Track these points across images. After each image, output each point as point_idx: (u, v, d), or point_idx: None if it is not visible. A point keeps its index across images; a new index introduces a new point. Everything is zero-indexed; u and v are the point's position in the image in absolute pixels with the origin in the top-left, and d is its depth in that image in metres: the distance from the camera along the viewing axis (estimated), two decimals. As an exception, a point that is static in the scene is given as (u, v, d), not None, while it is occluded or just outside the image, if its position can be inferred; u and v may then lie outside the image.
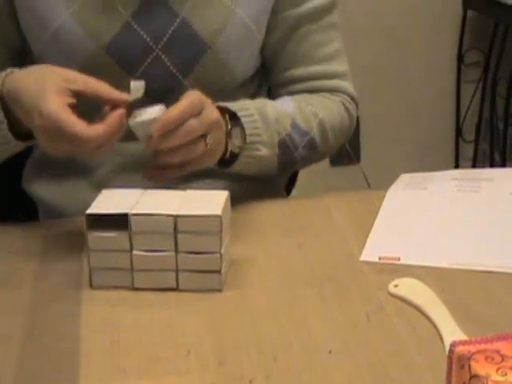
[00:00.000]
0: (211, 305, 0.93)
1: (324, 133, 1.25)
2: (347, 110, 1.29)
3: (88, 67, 1.15)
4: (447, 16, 2.71)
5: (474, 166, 2.84)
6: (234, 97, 1.24)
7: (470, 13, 2.70)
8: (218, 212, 0.93)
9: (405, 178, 1.23)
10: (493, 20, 2.67)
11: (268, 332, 0.87)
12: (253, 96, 1.30)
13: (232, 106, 1.16)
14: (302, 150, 1.23)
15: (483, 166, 2.77)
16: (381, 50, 2.70)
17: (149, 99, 1.17)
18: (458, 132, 2.85)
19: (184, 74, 1.18)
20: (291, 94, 1.27)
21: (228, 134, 1.11)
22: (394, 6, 2.65)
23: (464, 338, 0.82)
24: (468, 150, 2.86)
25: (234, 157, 1.14)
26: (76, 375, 0.81)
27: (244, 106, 1.17)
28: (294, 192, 1.52)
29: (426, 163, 2.73)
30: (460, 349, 0.76)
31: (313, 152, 1.25)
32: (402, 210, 1.14)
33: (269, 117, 1.18)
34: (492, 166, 2.71)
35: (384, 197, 1.17)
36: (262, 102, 1.21)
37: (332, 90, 1.28)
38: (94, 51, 1.15)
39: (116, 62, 1.16)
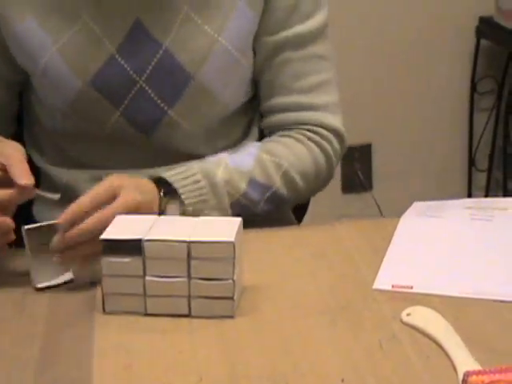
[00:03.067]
0: (223, 331, 0.93)
1: (291, 182, 1.22)
2: (322, 148, 1.24)
3: (77, 101, 1.19)
4: (460, 45, 2.71)
5: (486, 195, 2.83)
6: (231, 124, 1.24)
7: (483, 41, 2.70)
8: (232, 238, 0.93)
9: (418, 205, 1.23)
10: (506, 48, 2.68)
11: (280, 360, 0.87)
12: (249, 124, 1.30)
13: (174, 174, 1.14)
14: (264, 205, 1.21)
15: (496, 195, 2.76)
16: (394, 79, 2.70)
17: (137, 131, 1.19)
18: (471, 160, 2.85)
19: (169, 104, 1.19)
20: (273, 123, 1.26)
21: (162, 209, 1.10)
22: (407, 34, 2.66)
23: (478, 367, 0.81)
24: (481, 179, 2.86)
25: None
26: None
27: (191, 172, 1.15)
28: (305, 219, 1.52)
29: (438, 191, 2.73)
30: (474, 379, 0.76)
31: (280, 203, 1.23)
32: (414, 238, 1.14)
33: (217, 180, 1.15)
34: (505, 194, 2.69)
35: (397, 224, 1.17)
36: (214, 163, 1.18)
37: (308, 123, 1.24)
38: (80, 87, 1.18)
39: (102, 96, 1.18)
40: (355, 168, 2.71)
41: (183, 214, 1.13)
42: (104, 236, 0.95)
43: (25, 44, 1.18)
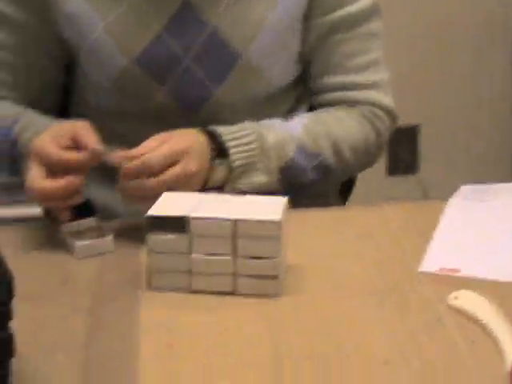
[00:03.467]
0: (268, 311, 0.93)
1: (340, 153, 1.22)
2: (374, 125, 1.25)
3: (121, 79, 1.19)
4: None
5: (535, 179, 2.79)
6: (278, 100, 1.24)
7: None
8: (278, 217, 0.93)
9: (465, 189, 1.22)
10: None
11: (325, 341, 0.87)
12: (297, 101, 1.30)
13: (228, 133, 1.14)
14: (311, 173, 1.21)
15: (544, 180, 2.73)
16: (442, 61, 2.67)
17: (183, 109, 1.20)
18: (520, 144, 2.81)
19: (216, 83, 1.19)
20: (327, 102, 1.26)
21: (210, 168, 1.11)
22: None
23: (526, 354, 0.80)
24: (529, 163, 2.82)
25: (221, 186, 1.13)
26: (135, 379, 0.81)
27: (244, 132, 1.15)
28: (350, 201, 1.51)
29: (485, 175, 2.69)
30: (522, 365, 0.75)
31: (328, 173, 1.22)
32: (462, 221, 1.13)
33: (268, 143, 1.16)
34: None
35: (443, 208, 1.16)
36: (267, 127, 1.18)
37: (363, 102, 1.25)
38: (126, 64, 1.18)
39: (147, 74, 1.18)
40: (401, 150, 2.69)
41: (227, 174, 1.13)
42: (150, 213, 0.95)
43: (74, 21, 1.18)
